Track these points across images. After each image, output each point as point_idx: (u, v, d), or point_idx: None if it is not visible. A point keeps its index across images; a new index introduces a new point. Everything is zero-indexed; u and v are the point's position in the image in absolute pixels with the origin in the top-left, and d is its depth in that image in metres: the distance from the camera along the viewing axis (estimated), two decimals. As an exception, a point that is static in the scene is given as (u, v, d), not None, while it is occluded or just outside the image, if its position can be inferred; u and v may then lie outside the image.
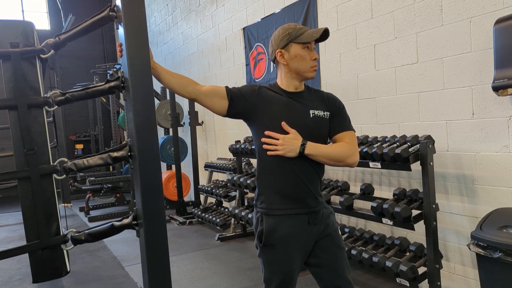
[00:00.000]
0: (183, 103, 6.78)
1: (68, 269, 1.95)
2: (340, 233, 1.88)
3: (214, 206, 5.64)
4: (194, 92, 1.81)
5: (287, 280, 1.75)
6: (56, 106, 1.86)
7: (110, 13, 1.80)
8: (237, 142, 4.74)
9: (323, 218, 1.80)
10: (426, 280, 2.78)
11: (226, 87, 1.83)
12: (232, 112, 1.82)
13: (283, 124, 1.74)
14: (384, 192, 3.47)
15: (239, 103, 1.80)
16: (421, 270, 2.85)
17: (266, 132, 1.76)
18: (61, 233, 1.91)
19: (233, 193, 5.04)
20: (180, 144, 6.49)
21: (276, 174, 1.76)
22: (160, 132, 7.03)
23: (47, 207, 1.86)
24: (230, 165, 5.04)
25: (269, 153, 1.74)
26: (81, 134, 10.07)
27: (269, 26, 4.78)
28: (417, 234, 3.08)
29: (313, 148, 1.72)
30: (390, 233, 3.43)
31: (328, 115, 1.82)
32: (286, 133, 1.74)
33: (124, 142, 1.93)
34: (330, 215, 1.84)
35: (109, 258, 4.37)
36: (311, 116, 1.78)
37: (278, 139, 1.72)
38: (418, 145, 2.84)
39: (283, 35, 1.80)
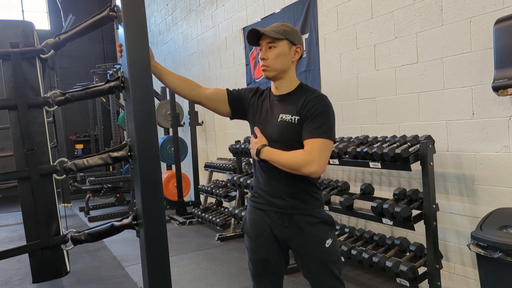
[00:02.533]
0: (183, 103, 6.78)
1: (68, 269, 1.96)
2: (330, 247, 1.74)
3: (214, 206, 5.64)
4: (199, 96, 1.89)
5: (259, 268, 1.82)
6: (56, 106, 1.87)
7: (110, 13, 1.81)
8: (237, 142, 4.73)
9: (299, 224, 1.73)
10: (426, 280, 2.78)
11: (227, 90, 1.89)
12: (235, 117, 1.94)
13: (255, 128, 1.83)
14: (384, 192, 3.47)
15: (239, 107, 1.90)
16: (421, 270, 2.85)
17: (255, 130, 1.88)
18: (61, 233, 1.91)
19: (233, 193, 5.04)
20: (180, 144, 6.49)
21: (255, 172, 1.89)
22: (160, 132, 7.03)
23: (47, 207, 1.86)
24: (230, 165, 5.04)
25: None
26: (81, 134, 10.07)
27: (269, 26, 4.77)
28: (417, 234, 3.08)
29: (267, 154, 1.74)
30: (390, 233, 3.43)
31: (296, 120, 1.71)
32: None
33: (124, 142, 1.93)
34: (316, 225, 1.73)
35: (109, 258, 4.37)
36: (279, 120, 1.76)
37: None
38: (418, 145, 2.83)
39: None
